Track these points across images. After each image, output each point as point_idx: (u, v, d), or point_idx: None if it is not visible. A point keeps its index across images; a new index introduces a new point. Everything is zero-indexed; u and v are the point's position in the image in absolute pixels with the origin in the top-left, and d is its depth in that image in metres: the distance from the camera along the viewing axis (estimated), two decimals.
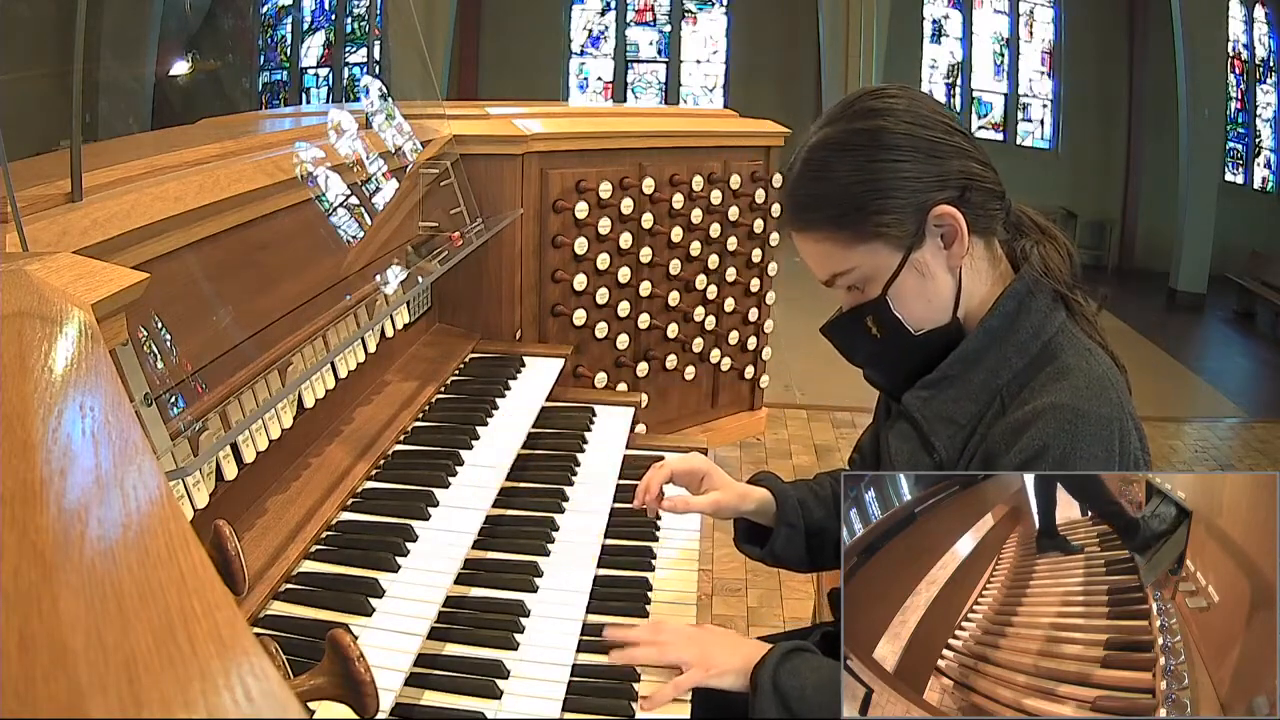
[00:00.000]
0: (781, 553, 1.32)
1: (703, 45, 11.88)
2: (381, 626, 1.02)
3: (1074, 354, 1.03)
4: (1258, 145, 10.27)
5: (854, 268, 1.07)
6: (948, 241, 1.05)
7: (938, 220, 1.04)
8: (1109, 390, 1.00)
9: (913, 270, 1.05)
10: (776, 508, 1.31)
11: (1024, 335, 1.05)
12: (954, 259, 1.06)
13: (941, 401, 1.07)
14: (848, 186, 1.03)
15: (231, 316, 1.13)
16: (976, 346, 1.06)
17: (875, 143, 1.03)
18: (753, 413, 2.57)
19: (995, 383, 1.05)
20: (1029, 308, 1.06)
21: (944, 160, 1.04)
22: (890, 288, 1.06)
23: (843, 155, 1.04)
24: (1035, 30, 11.40)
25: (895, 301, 1.07)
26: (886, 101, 1.05)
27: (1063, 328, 1.06)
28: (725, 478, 1.33)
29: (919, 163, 1.03)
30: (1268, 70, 10.19)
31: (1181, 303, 8.99)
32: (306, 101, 10.82)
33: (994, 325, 1.06)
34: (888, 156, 1.02)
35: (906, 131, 1.03)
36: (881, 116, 1.04)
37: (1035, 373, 1.03)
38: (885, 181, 1.02)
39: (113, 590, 0.37)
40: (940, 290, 1.07)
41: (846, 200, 1.04)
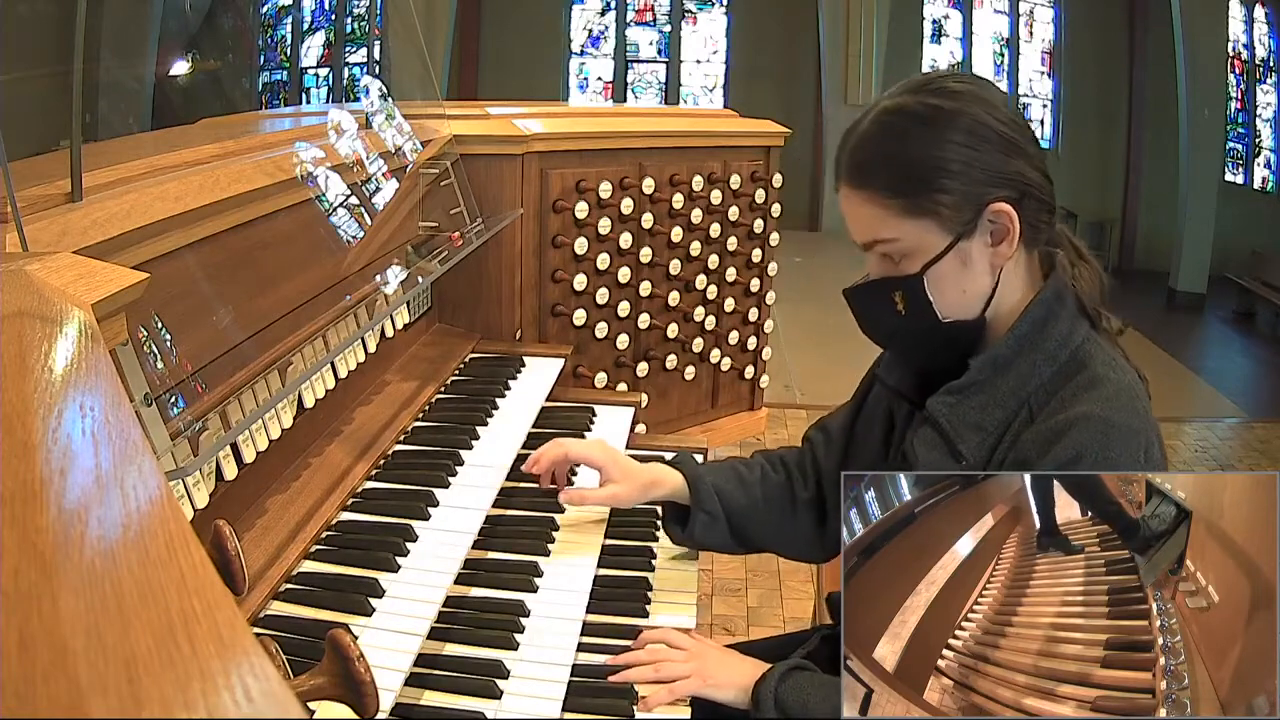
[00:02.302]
0: (702, 538, 1.33)
1: (703, 45, 11.88)
2: (381, 626, 1.02)
3: (1102, 364, 1.03)
4: (1258, 145, 10.28)
5: (899, 239, 1.05)
6: (997, 239, 1.04)
7: (994, 216, 1.03)
8: (1137, 401, 1.01)
9: (956, 257, 1.04)
10: (690, 494, 1.32)
11: (1052, 344, 1.05)
12: (999, 258, 1.05)
13: (968, 408, 1.06)
14: (915, 157, 1.02)
15: (231, 316, 1.13)
16: (1005, 353, 1.05)
17: (953, 124, 1.02)
18: (753, 413, 2.57)
19: (1023, 390, 1.04)
20: (1057, 315, 1.06)
21: (1010, 159, 1.03)
22: (930, 268, 1.05)
23: (918, 125, 1.03)
24: (1035, 30, 11.41)
25: (930, 284, 1.05)
26: (971, 87, 1.05)
27: (1089, 337, 1.06)
28: (628, 468, 1.33)
29: (988, 154, 1.02)
30: (1268, 70, 10.19)
31: (1181, 303, 8.99)
32: (306, 101, 10.82)
33: (1023, 332, 1.05)
34: (962, 140, 1.02)
35: (983, 121, 1.02)
36: (965, 101, 1.03)
37: (1064, 381, 1.03)
38: (954, 163, 1.02)
39: (113, 590, 0.37)
40: (977, 284, 1.06)
41: (911, 170, 1.02)
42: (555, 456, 1.35)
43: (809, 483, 1.36)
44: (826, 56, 10.87)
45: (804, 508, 1.35)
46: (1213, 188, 9.17)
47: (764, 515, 1.34)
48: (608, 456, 1.34)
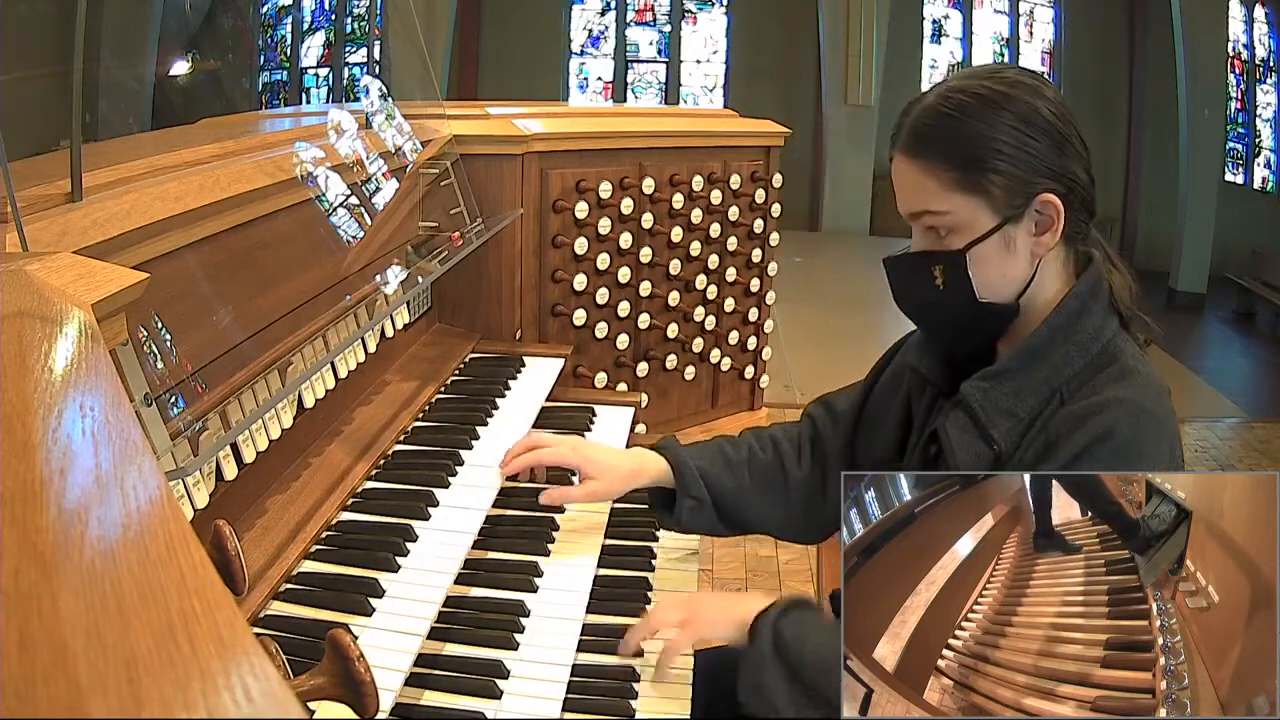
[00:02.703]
0: (689, 523, 1.33)
1: (703, 45, 11.89)
2: (381, 626, 1.02)
3: (1133, 358, 1.07)
4: (1258, 145, 10.27)
5: (948, 212, 1.07)
6: (1041, 229, 1.07)
7: (1041, 205, 1.06)
8: (1164, 398, 1.04)
9: (1000, 239, 1.07)
10: (675, 480, 1.32)
11: (1085, 336, 1.07)
12: (1041, 247, 1.08)
13: (1001, 394, 1.08)
14: (977, 134, 1.05)
15: (231, 316, 1.13)
16: (1040, 342, 1.08)
17: (1013, 109, 1.05)
18: (753, 413, 2.57)
19: (1056, 380, 1.06)
20: (1090, 309, 1.08)
21: (1063, 156, 1.06)
22: (974, 247, 1.07)
23: (984, 106, 1.05)
24: (1035, 30, 11.41)
25: (973, 261, 1.08)
26: (1038, 82, 1.08)
27: (1119, 333, 1.09)
28: (606, 463, 1.32)
29: (1043, 145, 1.05)
30: (1268, 70, 10.19)
31: (1181, 303, 8.99)
32: (306, 101, 10.82)
33: (1058, 323, 1.08)
34: (1024, 128, 1.04)
35: (1043, 113, 1.05)
36: (1032, 93, 1.06)
37: (1095, 372, 1.06)
38: (1009, 146, 1.04)
39: (113, 590, 0.37)
40: (1017, 269, 1.09)
41: (971, 146, 1.05)
42: (527, 461, 1.34)
43: (804, 460, 1.35)
44: (826, 56, 10.86)
45: (796, 486, 1.34)
46: (1213, 188, 9.17)
47: (752, 497, 1.33)
48: (580, 457, 1.33)
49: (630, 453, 1.36)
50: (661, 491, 1.34)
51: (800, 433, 1.38)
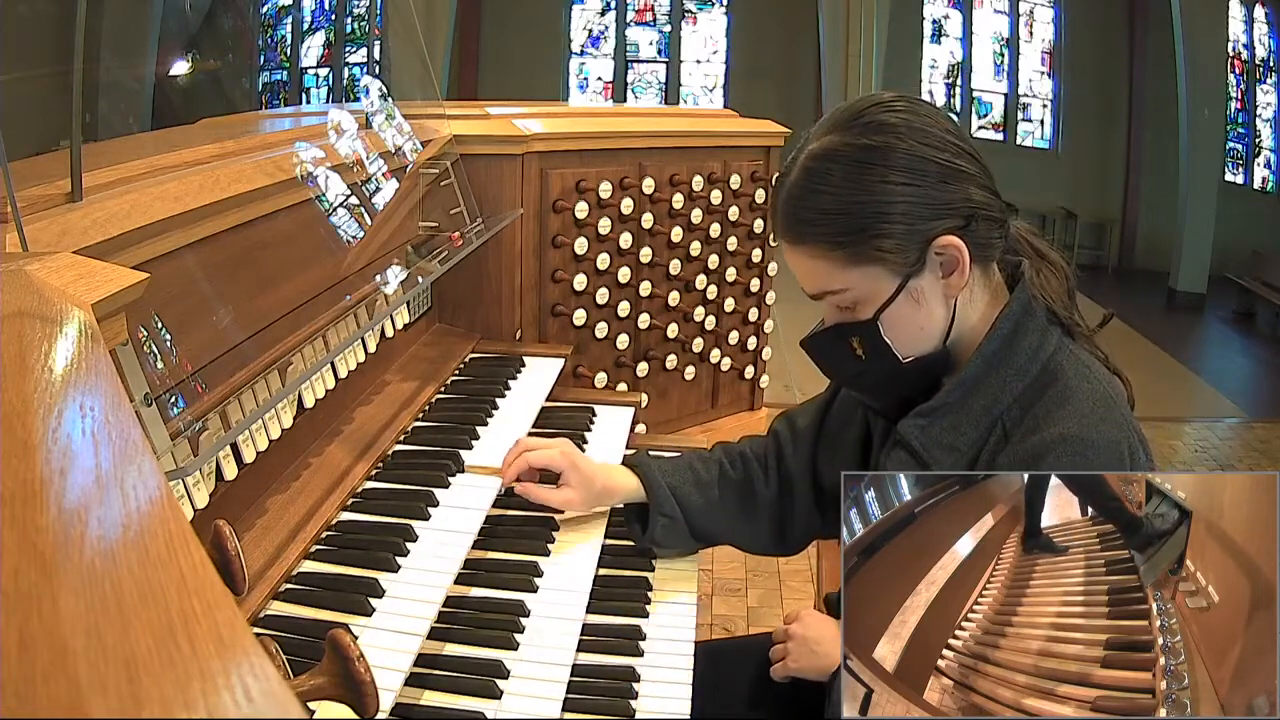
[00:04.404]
0: (662, 540, 1.33)
1: (703, 45, 11.88)
2: (381, 626, 1.02)
3: (1075, 375, 1.01)
4: (1258, 145, 10.27)
5: (847, 289, 1.03)
6: (947, 271, 1.02)
7: (940, 250, 1.01)
8: (1113, 410, 0.99)
9: (908, 298, 1.02)
10: (649, 498, 1.32)
11: (1022, 358, 1.03)
12: (951, 289, 1.03)
13: (940, 429, 1.05)
14: (850, 205, 0.99)
15: (231, 316, 1.13)
16: (974, 374, 1.04)
17: (884, 162, 0.98)
18: (753, 413, 2.57)
19: (996, 408, 1.02)
20: (1025, 329, 1.04)
21: (952, 187, 1.00)
22: (883, 313, 1.03)
23: (847, 170, 0.99)
24: (1035, 30, 11.40)
25: (886, 327, 1.04)
26: (898, 116, 1.00)
27: (1060, 346, 1.04)
28: (587, 473, 1.32)
29: (927, 188, 0.99)
30: (1268, 70, 10.19)
31: (1181, 303, 8.99)
32: (306, 101, 10.82)
33: (991, 350, 1.04)
34: (896, 179, 0.98)
35: (919, 154, 0.98)
36: (892, 133, 0.99)
37: (1037, 396, 1.01)
38: (890, 205, 0.98)
39: (113, 590, 0.37)
40: (933, 319, 1.04)
41: (847, 220, 0.99)
42: (520, 466, 1.33)
43: (770, 479, 1.35)
44: (826, 56, 10.86)
45: (765, 506, 1.34)
46: (1213, 188, 9.17)
47: (722, 515, 1.34)
48: (567, 461, 1.32)
49: (605, 469, 1.35)
50: (637, 506, 1.35)
51: (767, 450, 1.38)
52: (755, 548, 1.39)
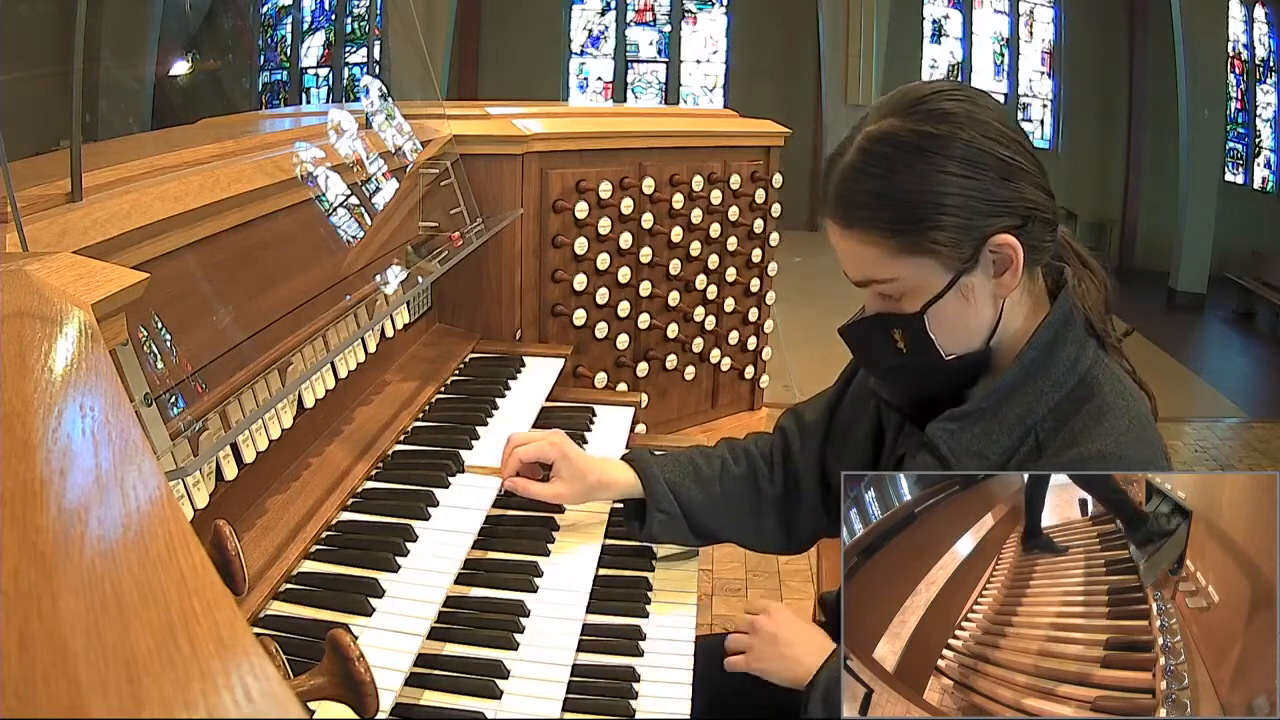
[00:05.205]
0: (661, 536, 1.32)
1: (703, 45, 11.89)
2: (381, 626, 1.02)
3: (1111, 392, 0.99)
4: (1258, 145, 10.27)
5: (896, 279, 0.99)
6: (999, 270, 0.98)
7: (995, 248, 0.97)
8: (1148, 429, 0.97)
9: (958, 294, 0.99)
10: (645, 493, 1.30)
11: (1060, 369, 1.00)
12: (1002, 289, 1.00)
13: (971, 436, 1.02)
14: (909, 193, 0.95)
15: (231, 316, 1.13)
16: (1012, 381, 1.01)
17: (944, 151, 0.94)
18: (753, 413, 2.57)
19: (1030, 419, 1.00)
20: (1064, 339, 1.01)
21: (1011, 185, 0.96)
22: (930, 308, 0.99)
23: (910, 157, 0.95)
24: (1035, 30, 11.41)
25: (932, 322, 1.00)
26: (960, 106, 0.97)
27: (1096, 360, 1.02)
28: (578, 467, 1.30)
29: (986, 183, 0.95)
30: (1268, 70, 10.19)
31: (1181, 303, 8.99)
32: (306, 101, 10.82)
33: (1030, 358, 1.01)
34: (955, 170, 0.94)
35: (980, 146, 0.95)
36: (954, 123, 0.95)
37: (1073, 410, 0.99)
38: (947, 196, 0.95)
39: (113, 590, 0.37)
40: (981, 318, 1.01)
41: (905, 208, 0.96)
42: (514, 464, 1.32)
43: (776, 476, 1.33)
44: (826, 56, 10.86)
45: (769, 503, 1.33)
46: (1213, 188, 9.17)
47: (723, 511, 1.32)
48: (557, 451, 1.30)
49: (601, 463, 1.34)
50: (635, 502, 1.34)
51: (773, 446, 1.36)
52: (758, 545, 1.38)
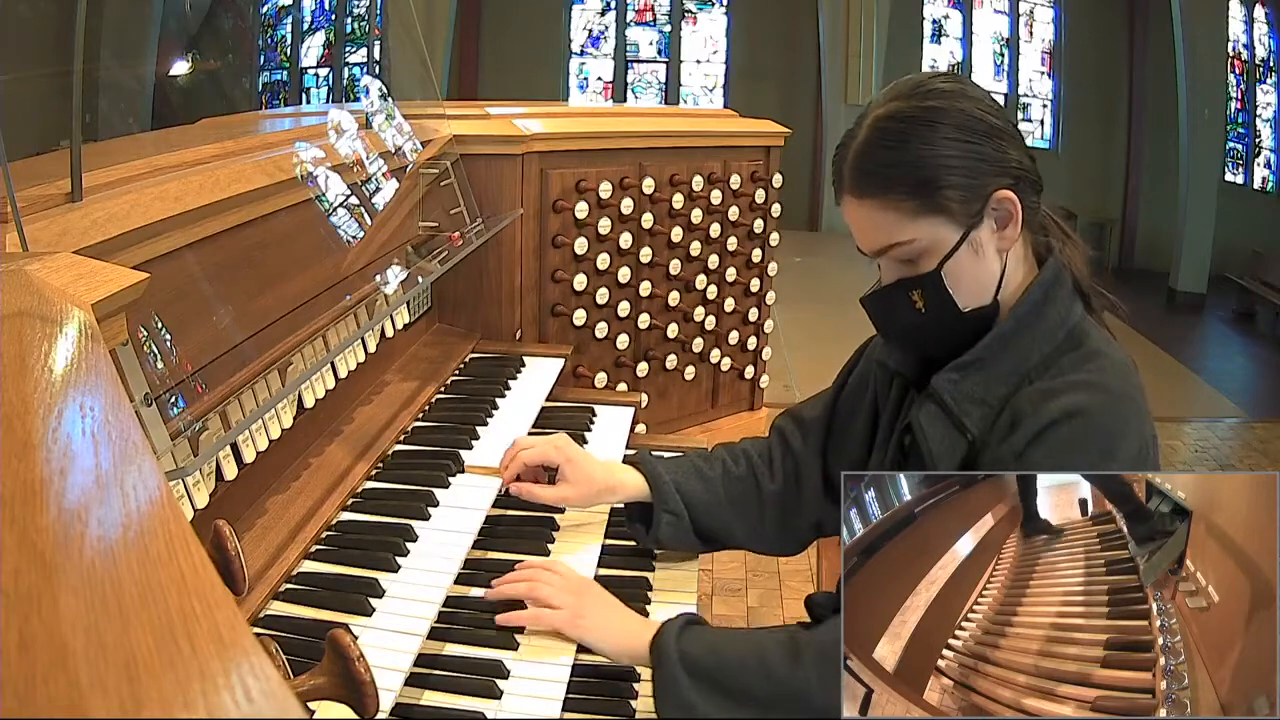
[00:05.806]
0: (666, 539, 1.33)
1: (703, 45, 11.88)
2: (381, 626, 1.02)
3: (1098, 340, 1.09)
4: (1258, 145, 10.27)
5: (914, 239, 1.08)
6: (1002, 224, 1.09)
7: (997, 204, 1.08)
8: (1131, 377, 1.06)
9: (969, 248, 1.08)
10: (653, 494, 1.32)
11: (1050, 323, 1.09)
12: (1005, 242, 1.10)
13: (972, 383, 1.10)
14: (921, 158, 1.06)
15: (231, 316, 1.13)
16: (1007, 331, 1.10)
17: (949, 121, 1.06)
18: (753, 413, 2.57)
19: (1024, 366, 1.08)
20: (1054, 297, 1.10)
21: (1002, 144, 1.08)
22: (946, 263, 1.09)
23: (918, 128, 1.06)
24: (1035, 30, 11.41)
25: (949, 277, 1.09)
26: (956, 85, 1.10)
27: (1084, 317, 1.11)
28: (584, 470, 1.32)
29: (986, 146, 1.07)
30: (1268, 70, 10.18)
31: (1181, 303, 8.99)
32: (306, 101, 10.82)
33: (1023, 312, 1.10)
34: (961, 136, 1.06)
35: (977, 115, 1.07)
36: (948, 98, 1.08)
37: (1061, 356, 1.08)
38: (958, 159, 1.06)
39: (113, 590, 0.37)
40: (990, 271, 1.11)
41: (919, 172, 1.06)
42: (517, 466, 1.33)
43: (775, 474, 1.36)
44: (826, 56, 10.87)
45: (770, 501, 1.35)
46: (1213, 188, 9.17)
47: (727, 512, 1.34)
48: (561, 455, 1.32)
49: (607, 466, 1.35)
50: (638, 506, 1.34)
51: (770, 446, 1.39)
52: (760, 545, 1.39)
